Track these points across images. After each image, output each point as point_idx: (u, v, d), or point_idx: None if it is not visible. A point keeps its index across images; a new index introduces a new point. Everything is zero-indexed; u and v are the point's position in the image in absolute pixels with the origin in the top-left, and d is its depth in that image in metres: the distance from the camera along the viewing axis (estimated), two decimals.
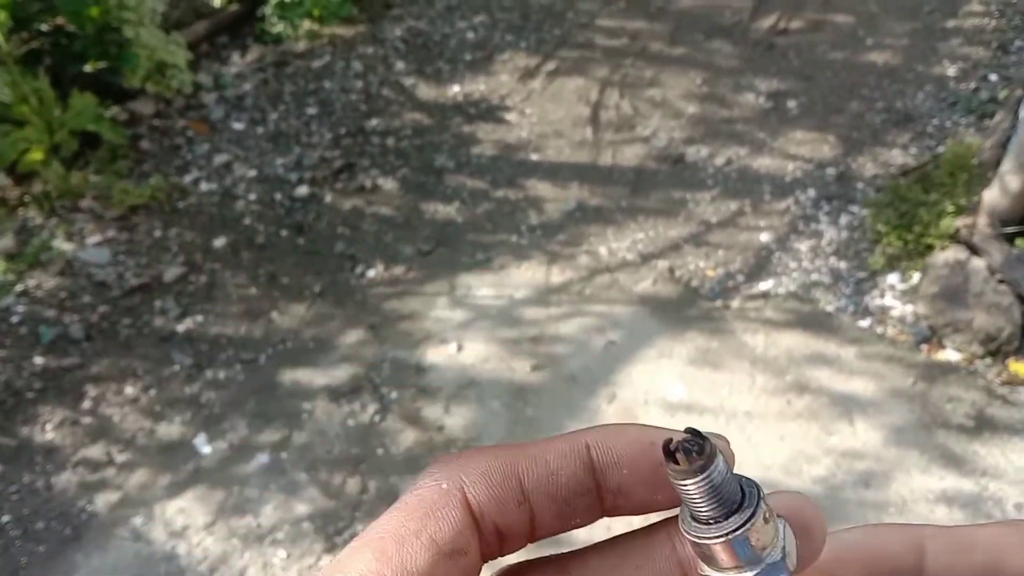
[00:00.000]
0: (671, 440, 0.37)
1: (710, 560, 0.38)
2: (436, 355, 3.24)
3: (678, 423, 2.99)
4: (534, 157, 4.07)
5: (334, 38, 4.67)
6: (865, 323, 3.36)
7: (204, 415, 3.08)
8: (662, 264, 3.55)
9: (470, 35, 4.71)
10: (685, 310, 3.36)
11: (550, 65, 4.52)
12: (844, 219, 3.74)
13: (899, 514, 2.76)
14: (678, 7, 4.88)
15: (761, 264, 3.55)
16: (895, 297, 3.46)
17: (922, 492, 2.83)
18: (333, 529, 2.74)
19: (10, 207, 3.78)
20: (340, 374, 3.19)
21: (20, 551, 2.79)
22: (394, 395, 3.12)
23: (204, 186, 3.89)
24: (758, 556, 0.37)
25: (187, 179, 3.91)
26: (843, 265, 3.55)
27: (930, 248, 3.55)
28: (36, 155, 3.79)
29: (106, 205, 3.77)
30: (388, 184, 3.95)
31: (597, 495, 0.42)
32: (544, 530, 0.42)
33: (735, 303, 3.39)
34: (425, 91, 4.41)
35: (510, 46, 4.63)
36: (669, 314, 3.35)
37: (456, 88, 4.42)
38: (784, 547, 0.38)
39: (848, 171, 3.95)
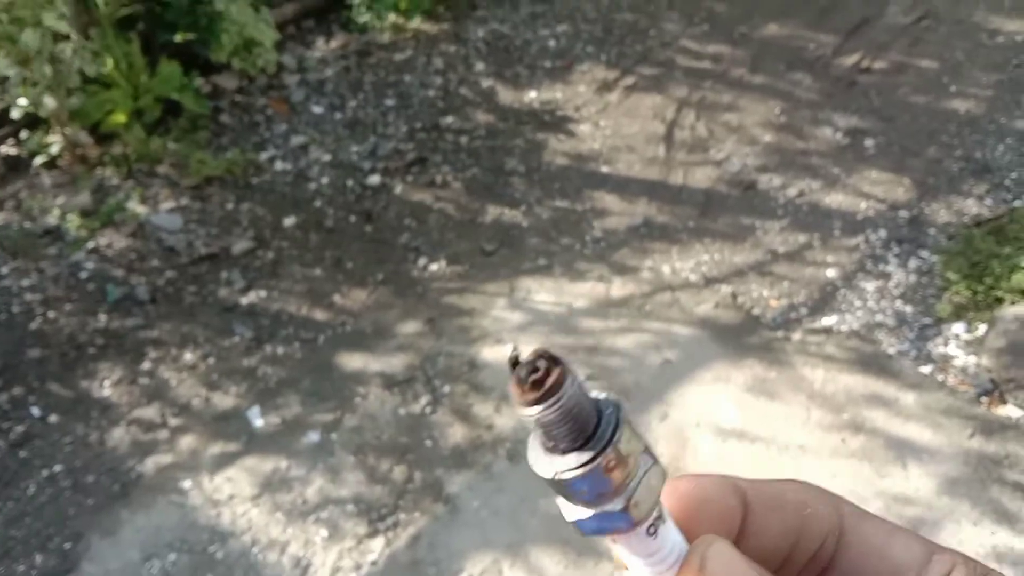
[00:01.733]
0: (518, 356, 0.33)
1: (567, 495, 0.34)
2: (491, 354, 3.25)
3: (730, 449, 2.97)
4: (604, 169, 4.07)
5: (418, 33, 4.72)
6: (926, 369, 3.30)
7: (259, 388, 3.12)
8: (725, 289, 3.52)
9: (551, 43, 4.73)
10: (745, 337, 3.33)
11: (628, 80, 4.52)
12: (913, 263, 3.68)
13: None
14: (762, 35, 4.86)
15: (825, 299, 3.51)
16: (959, 347, 3.39)
17: (972, 545, 2.76)
18: (376, 515, 2.75)
19: (89, 165, 3.87)
20: (395, 362, 3.21)
21: (69, 502, 2.84)
22: (446, 389, 3.13)
23: (279, 165, 3.95)
24: (598, 498, 0.34)
25: (263, 156, 3.98)
26: (909, 309, 3.50)
27: (999, 301, 3.48)
28: (119, 117, 3.88)
29: (182, 173, 3.84)
30: (457, 182, 3.97)
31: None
32: None
33: (796, 335, 3.35)
34: (502, 94, 4.44)
35: (590, 57, 4.64)
36: (728, 339, 3.32)
37: (533, 94, 4.44)
38: (632, 497, 0.33)
39: (921, 215, 3.89)
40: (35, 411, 3.06)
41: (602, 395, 0.35)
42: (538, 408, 0.32)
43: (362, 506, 2.78)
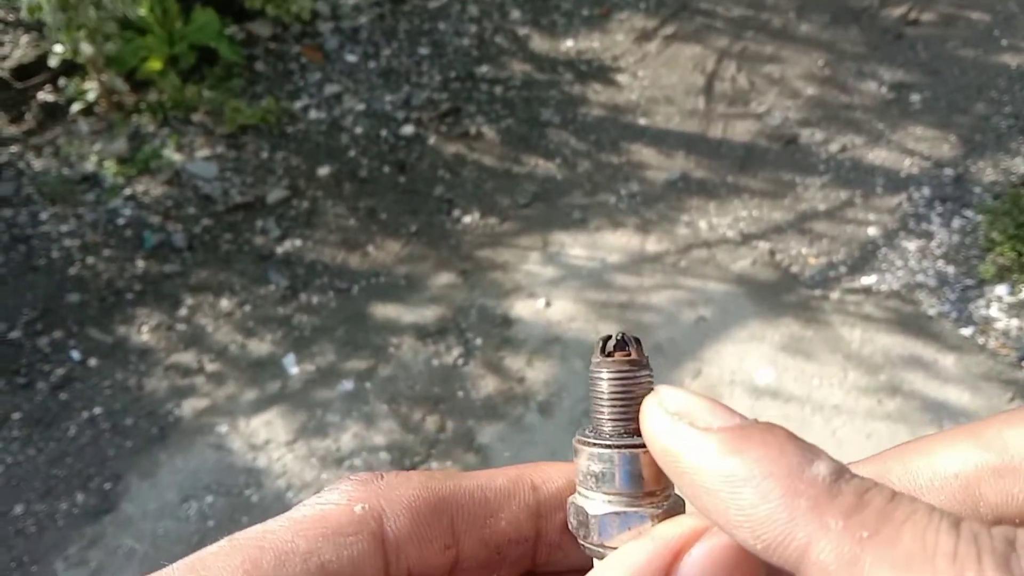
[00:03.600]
0: (610, 336, 0.35)
1: (595, 474, 0.34)
2: (524, 308, 3.24)
3: (763, 408, 2.95)
4: (642, 122, 4.00)
5: None
6: (967, 332, 3.24)
7: (295, 336, 3.14)
8: (763, 246, 3.47)
9: None
10: (782, 295, 3.29)
11: (668, 29, 4.42)
12: (957, 222, 3.60)
13: None
14: None
15: (866, 258, 3.44)
16: (1001, 309, 3.32)
17: None
18: (409, 463, 2.78)
19: (126, 112, 3.88)
20: (428, 314, 3.22)
21: (108, 443, 2.90)
22: (479, 341, 3.13)
23: (313, 114, 3.93)
24: (633, 490, 0.34)
25: (297, 105, 3.95)
26: (951, 270, 3.43)
27: None
28: (155, 64, 3.87)
29: (217, 121, 3.84)
30: (492, 133, 3.93)
31: (533, 545, 0.37)
32: None
33: (835, 295, 3.30)
34: (538, 43, 4.36)
35: (629, 5, 4.54)
36: (765, 297, 3.28)
37: (570, 43, 4.36)
38: (662, 509, 0.34)
39: (966, 174, 3.79)
40: (75, 355, 3.11)
41: None
42: (609, 371, 0.34)
43: (395, 453, 2.81)
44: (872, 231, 3.55)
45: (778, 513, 0.27)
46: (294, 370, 3.04)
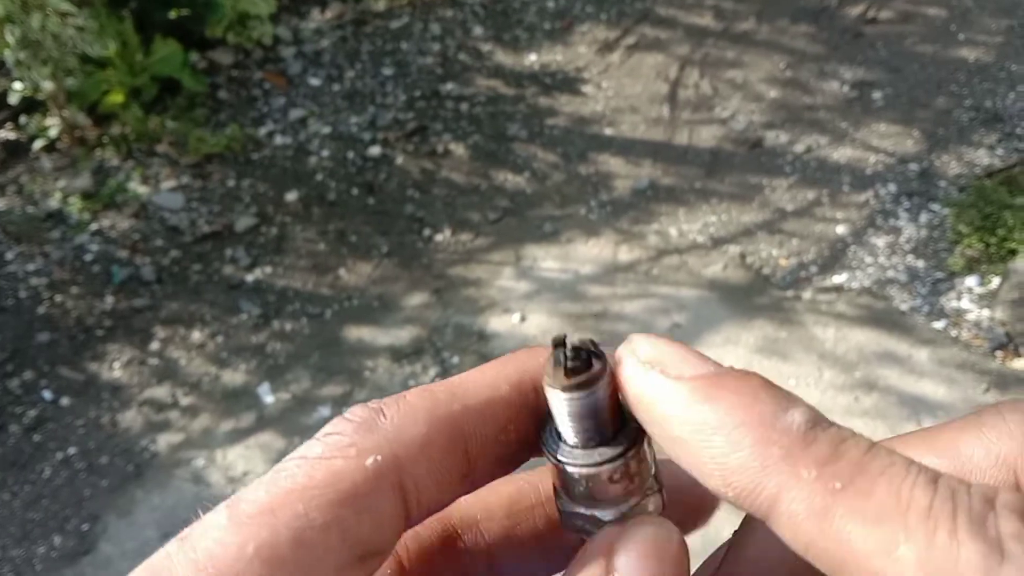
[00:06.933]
0: (564, 338, 0.32)
1: (564, 484, 0.33)
2: (499, 323, 3.24)
3: None
4: (608, 132, 4.02)
5: (413, 0, 4.65)
6: (939, 325, 3.27)
7: (269, 365, 3.12)
8: (733, 249, 3.49)
9: (550, 4, 4.64)
10: (755, 298, 3.30)
11: (630, 39, 4.45)
12: (924, 217, 3.64)
13: None
14: None
15: (836, 257, 3.47)
16: (972, 301, 3.36)
17: None
18: None
19: (88, 147, 3.84)
20: (403, 335, 3.20)
21: (84, 483, 2.86)
22: (455, 360, 3.12)
23: (279, 139, 3.91)
24: (590, 500, 0.33)
25: (262, 131, 3.94)
26: (920, 264, 3.46)
27: (1013, 253, 3.43)
28: (117, 97, 3.84)
29: (182, 151, 3.81)
30: (459, 149, 3.93)
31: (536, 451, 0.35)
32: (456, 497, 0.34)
33: (807, 294, 3.32)
34: (502, 58, 4.37)
35: (590, 17, 4.56)
36: (738, 300, 3.29)
37: (533, 57, 4.37)
38: (626, 515, 0.33)
39: (931, 168, 3.84)
40: (47, 395, 3.07)
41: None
42: (567, 395, 0.31)
43: None
44: (841, 229, 3.58)
45: (750, 462, 0.26)
46: (269, 399, 3.01)
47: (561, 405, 0.32)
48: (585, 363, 0.31)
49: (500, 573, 0.38)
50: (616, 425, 0.33)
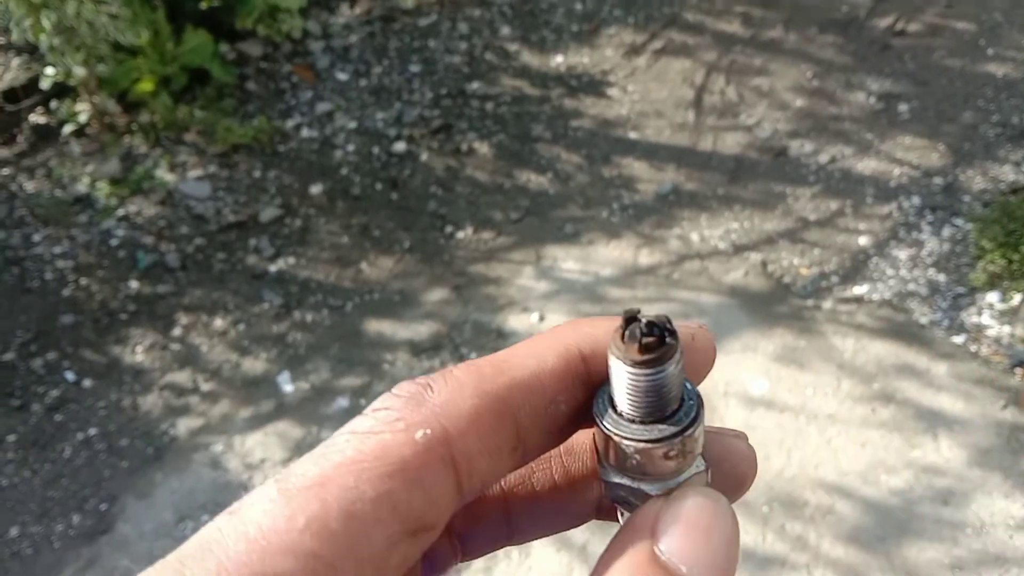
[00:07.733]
0: (637, 312, 0.32)
1: (613, 455, 0.34)
2: (517, 322, 3.25)
3: (758, 418, 2.95)
4: (632, 135, 4.03)
5: None
6: (959, 339, 3.25)
7: (289, 354, 3.14)
8: (755, 257, 3.49)
9: (578, 6, 4.66)
10: (775, 306, 3.30)
11: (657, 44, 4.45)
12: (947, 231, 3.62)
13: (976, 536, 2.68)
14: None
15: (857, 267, 3.46)
16: (993, 316, 3.34)
17: (1002, 517, 2.74)
18: None
19: (117, 133, 3.89)
20: (423, 330, 3.22)
21: (104, 464, 2.89)
22: (473, 356, 3.12)
23: (305, 132, 3.94)
24: (643, 475, 0.33)
25: (289, 124, 3.97)
26: (942, 278, 3.45)
27: None
28: (147, 85, 3.88)
29: (209, 141, 3.85)
30: (484, 148, 3.95)
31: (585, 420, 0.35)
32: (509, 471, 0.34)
33: (827, 304, 3.31)
34: (528, 59, 4.39)
35: (618, 21, 4.57)
36: (758, 308, 3.29)
37: (559, 59, 4.39)
38: (673, 490, 0.33)
39: (956, 182, 3.82)
40: (69, 376, 3.10)
41: (689, 384, 0.34)
42: (636, 370, 0.32)
43: None
44: (863, 241, 3.57)
45: None
46: (288, 388, 3.04)
47: (626, 378, 0.32)
48: (659, 339, 0.31)
49: (515, 524, 0.38)
50: (677, 403, 0.33)
